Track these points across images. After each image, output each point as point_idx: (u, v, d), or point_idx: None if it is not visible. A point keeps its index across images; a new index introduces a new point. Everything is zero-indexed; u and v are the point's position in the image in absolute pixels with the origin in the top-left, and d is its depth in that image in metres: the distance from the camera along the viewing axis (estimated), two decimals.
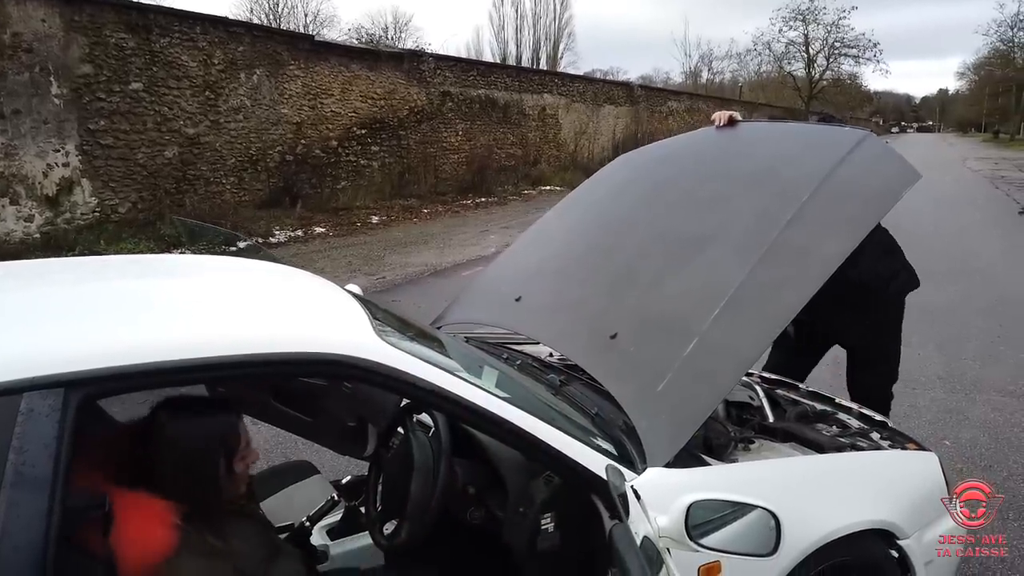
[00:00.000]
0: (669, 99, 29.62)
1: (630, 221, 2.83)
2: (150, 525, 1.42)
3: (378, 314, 1.88)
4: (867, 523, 1.93)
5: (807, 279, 1.99)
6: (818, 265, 2.01)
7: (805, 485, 1.88)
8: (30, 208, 8.74)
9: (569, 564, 1.79)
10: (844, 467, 2.04)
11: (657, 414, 1.88)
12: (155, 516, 1.43)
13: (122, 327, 1.45)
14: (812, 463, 1.98)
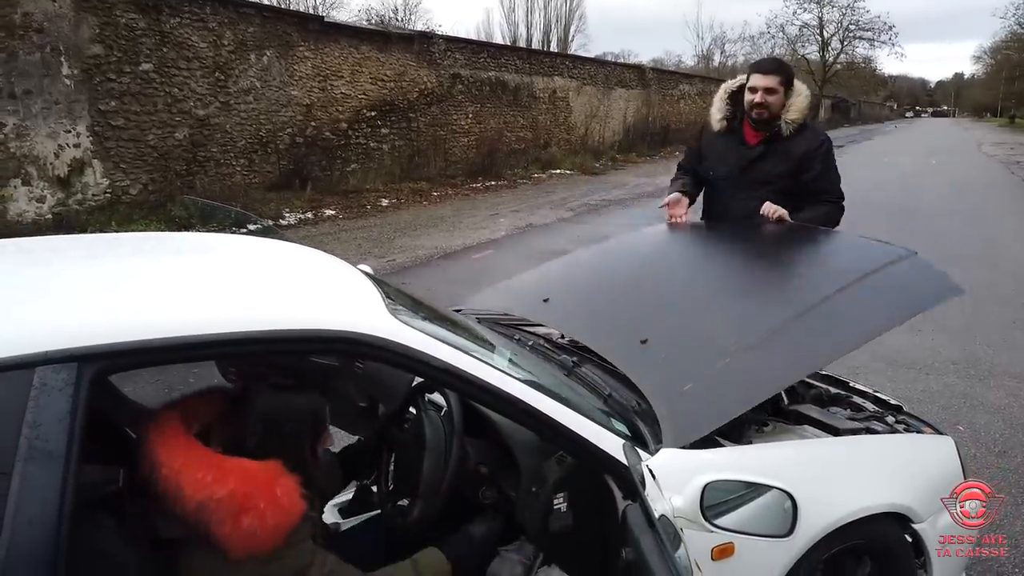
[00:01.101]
0: (681, 82, 29.35)
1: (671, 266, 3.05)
2: (285, 491, 1.42)
3: (391, 293, 1.87)
4: (882, 506, 1.92)
5: (843, 341, 2.15)
6: (855, 336, 2.16)
7: (821, 467, 1.86)
8: (42, 189, 8.76)
9: (581, 544, 1.78)
10: (860, 450, 2.02)
11: (678, 404, 1.89)
12: (288, 484, 1.43)
13: (135, 303, 1.45)
14: (828, 445, 1.96)
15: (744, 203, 3.09)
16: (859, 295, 2.25)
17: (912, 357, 5.11)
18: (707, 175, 3.29)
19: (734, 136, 3.18)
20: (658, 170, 19.35)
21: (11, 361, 1.23)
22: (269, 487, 1.40)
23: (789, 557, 1.76)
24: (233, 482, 1.37)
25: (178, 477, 1.37)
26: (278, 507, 1.39)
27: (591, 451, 1.67)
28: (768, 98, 2.99)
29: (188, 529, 1.37)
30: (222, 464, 1.41)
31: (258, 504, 1.37)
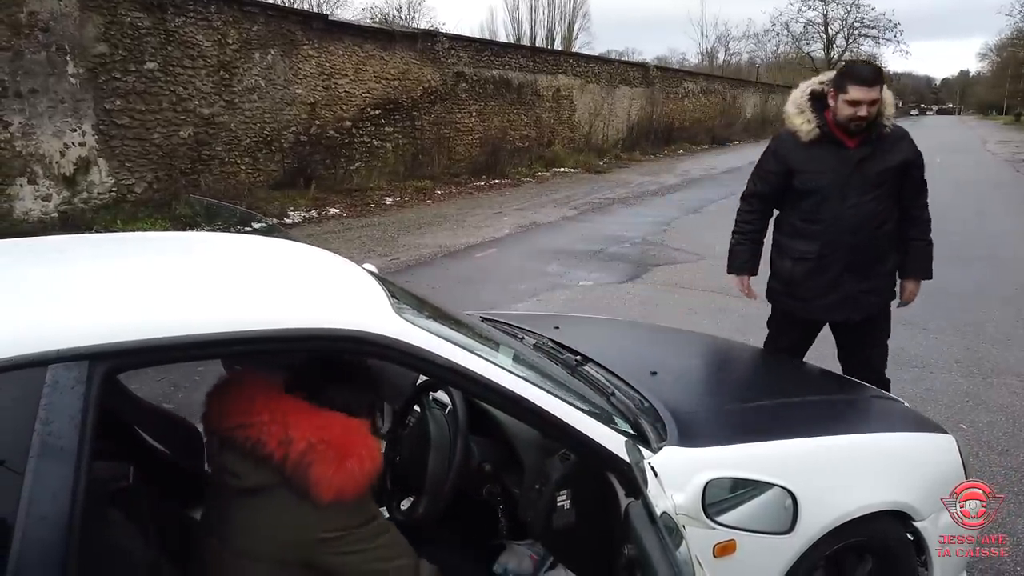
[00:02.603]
0: (685, 80, 29.32)
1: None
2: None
3: (396, 292, 1.88)
4: (883, 504, 1.93)
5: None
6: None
7: (822, 464, 1.88)
8: (47, 187, 8.80)
9: (584, 541, 1.80)
10: (862, 447, 2.03)
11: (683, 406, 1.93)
12: (374, 440, 1.59)
13: (144, 301, 1.46)
14: (830, 443, 1.97)
15: (856, 209, 2.92)
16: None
17: (915, 355, 5.11)
18: (807, 187, 2.99)
19: (828, 142, 2.94)
20: (662, 169, 19.36)
21: (23, 359, 1.25)
22: (365, 438, 1.56)
23: (790, 554, 1.77)
24: (338, 428, 1.53)
25: (284, 422, 1.50)
26: (372, 457, 1.53)
27: (594, 449, 1.68)
28: (872, 109, 2.82)
29: (278, 476, 1.48)
30: (325, 413, 1.56)
31: (360, 451, 1.51)
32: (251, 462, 1.51)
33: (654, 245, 9.11)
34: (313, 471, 1.46)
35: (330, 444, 1.49)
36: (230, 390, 1.63)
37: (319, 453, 1.47)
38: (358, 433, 1.56)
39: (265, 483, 1.50)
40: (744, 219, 3.29)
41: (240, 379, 1.67)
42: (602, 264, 8.09)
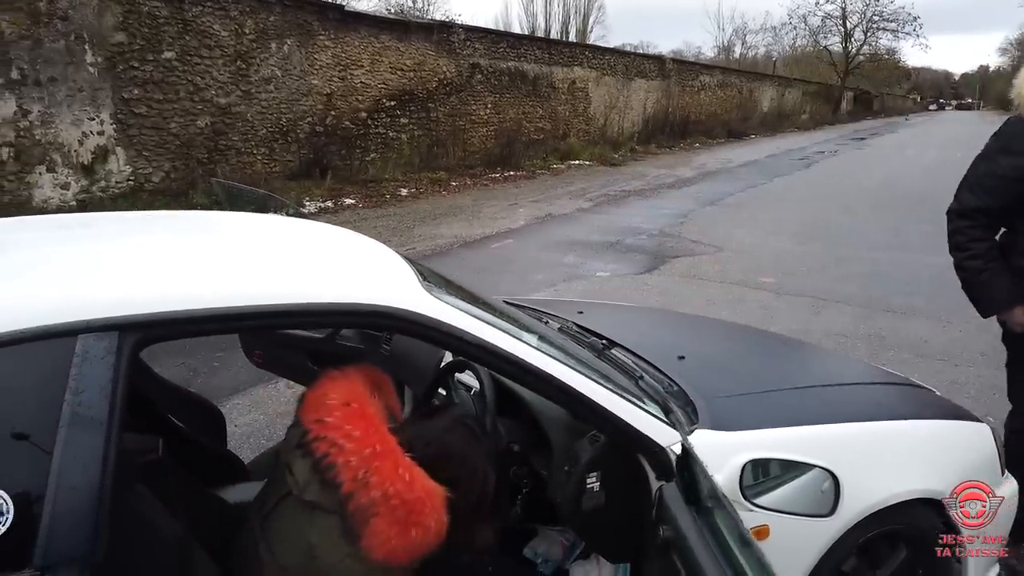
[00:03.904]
0: (701, 73, 29.11)
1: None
2: None
3: (424, 272, 1.86)
4: (920, 492, 1.89)
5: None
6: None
7: (861, 449, 1.84)
8: (66, 176, 8.85)
9: (613, 524, 1.77)
10: (898, 434, 1.99)
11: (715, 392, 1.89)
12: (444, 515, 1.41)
13: (173, 274, 1.45)
14: (867, 428, 1.93)
15: None
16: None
17: (940, 347, 5.05)
18: None
19: None
20: (677, 162, 19.24)
21: (53, 329, 1.23)
22: (440, 511, 1.39)
23: (824, 540, 1.74)
24: (421, 491, 1.37)
25: (371, 461, 1.35)
26: (438, 533, 1.37)
27: (625, 430, 1.65)
28: None
29: (340, 509, 1.35)
30: (416, 470, 1.39)
31: (429, 523, 1.36)
32: (318, 479, 1.38)
33: (671, 237, 9.05)
34: (374, 522, 1.33)
35: (404, 503, 1.34)
36: (328, 397, 1.47)
37: (390, 508, 1.34)
38: (436, 503, 1.38)
39: (325, 505, 1.38)
40: (973, 239, 2.60)
41: (350, 375, 1.52)
42: (619, 255, 8.04)
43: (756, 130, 31.07)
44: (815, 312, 5.91)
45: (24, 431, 1.18)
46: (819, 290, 6.55)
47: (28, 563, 1.15)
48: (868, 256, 7.95)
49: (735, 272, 7.22)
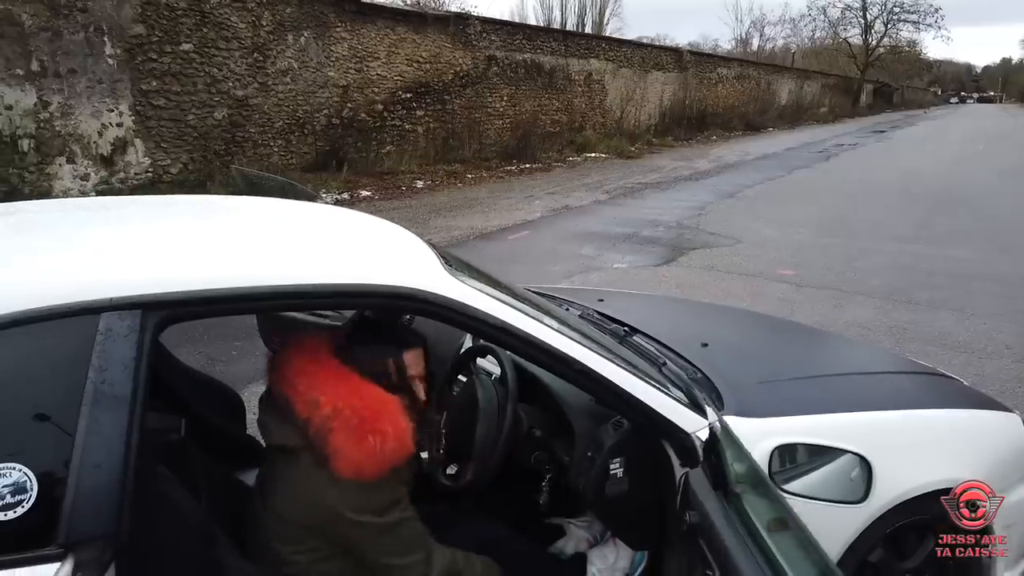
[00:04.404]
0: (719, 65, 28.87)
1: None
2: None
3: (446, 255, 1.84)
4: (950, 481, 1.85)
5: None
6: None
7: (893, 436, 1.80)
8: (86, 167, 8.92)
9: (637, 510, 1.74)
10: (928, 422, 1.95)
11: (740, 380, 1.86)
12: (408, 422, 1.51)
13: (195, 254, 1.44)
14: (896, 416, 1.90)
15: None
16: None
17: (964, 341, 4.97)
18: None
19: None
20: (695, 154, 19.12)
21: (76, 307, 1.23)
22: (396, 416, 1.48)
23: (853, 529, 1.71)
24: (369, 399, 1.47)
25: (319, 385, 1.47)
26: (398, 438, 1.46)
27: (649, 415, 1.63)
28: None
29: (305, 439, 1.45)
30: (361, 383, 1.50)
31: (385, 428, 1.45)
32: (280, 418, 1.52)
33: (689, 229, 8.98)
34: (333, 439, 1.42)
35: (355, 412, 1.44)
36: (287, 353, 1.61)
37: (342, 420, 1.43)
38: (389, 409, 1.48)
39: (290, 443, 1.49)
40: None
41: (298, 342, 1.63)
42: (636, 247, 7.99)
43: (774, 123, 30.79)
44: (836, 305, 5.84)
45: (48, 408, 1.18)
46: (840, 283, 6.47)
47: (52, 541, 1.15)
48: (890, 249, 7.85)
49: (754, 265, 7.15)
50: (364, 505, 1.46)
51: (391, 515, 1.50)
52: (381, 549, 1.51)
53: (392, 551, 1.52)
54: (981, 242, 8.09)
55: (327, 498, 1.45)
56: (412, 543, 1.55)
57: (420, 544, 1.56)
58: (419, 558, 1.54)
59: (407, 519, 1.54)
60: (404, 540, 1.53)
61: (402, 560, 1.53)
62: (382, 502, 1.49)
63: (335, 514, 1.46)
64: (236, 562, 1.48)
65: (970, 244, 7.96)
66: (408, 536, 1.54)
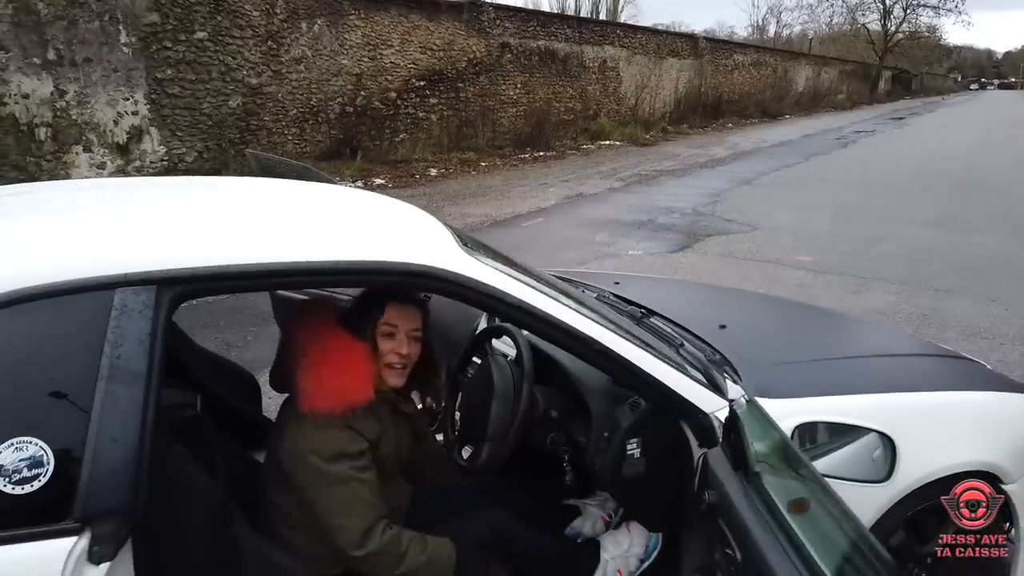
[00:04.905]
0: (735, 52, 28.56)
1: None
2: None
3: (463, 236, 1.83)
4: (974, 463, 1.82)
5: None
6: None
7: (916, 417, 1.77)
8: (102, 155, 8.96)
9: (654, 491, 1.73)
10: (952, 404, 1.91)
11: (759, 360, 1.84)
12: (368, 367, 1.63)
13: (210, 231, 1.43)
14: (919, 398, 1.86)
15: None
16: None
17: (985, 327, 4.90)
18: None
19: None
20: (710, 142, 18.96)
21: (91, 282, 1.22)
22: (353, 357, 1.59)
23: (874, 511, 1.68)
24: (332, 340, 1.59)
25: (303, 335, 1.61)
26: (351, 375, 1.56)
27: (667, 395, 1.61)
28: None
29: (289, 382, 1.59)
30: (334, 328, 1.63)
31: (338, 363, 1.55)
32: (277, 366, 1.68)
33: (705, 216, 8.91)
34: (299, 376, 1.55)
35: (316, 349, 1.57)
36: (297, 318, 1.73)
37: (307, 359, 1.56)
38: (348, 351, 1.58)
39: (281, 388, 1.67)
40: None
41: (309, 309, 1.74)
42: (651, 234, 7.93)
43: (791, 110, 30.46)
44: (854, 291, 5.77)
45: (64, 383, 1.17)
46: (858, 269, 6.40)
47: (69, 515, 1.15)
48: (909, 235, 7.75)
49: (771, 251, 7.08)
50: (317, 446, 1.54)
51: (339, 466, 1.54)
52: (323, 500, 1.55)
53: (331, 507, 1.55)
54: (1002, 228, 7.96)
55: (293, 434, 1.56)
56: (354, 505, 1.56)
57: (363, 510, 1.57)
58: (357, 524, 1.55)
59: (356, 479, 1.57)
60: (345, 500, 1.56)
61: (339, 520, 1.55)
62: (334, 449, 1.55)
63: (295, 452, 1.56)
64: (252, 539, 1.48)
65: (991, 230, 7.84)
66: (350, 497, 1.56)
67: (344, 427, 1.56)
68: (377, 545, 1.55)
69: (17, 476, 1.12)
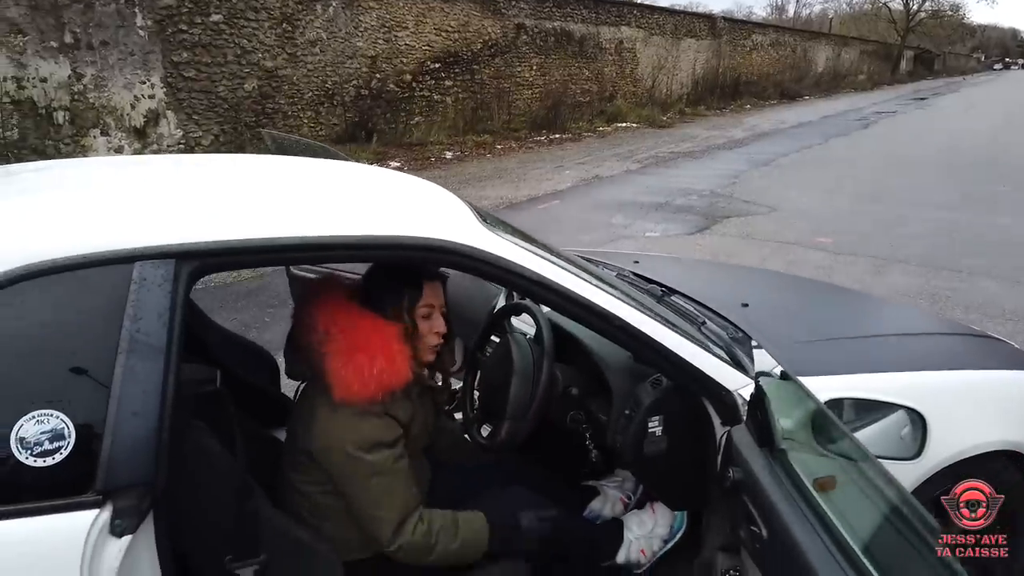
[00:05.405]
0: (754, 32, 28.16)
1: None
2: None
3: (482, 212, 1.81)
4: (1003, 443, 1.79)
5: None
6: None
7: (945, 395, 1.74)
8: (119, 139, 9.00)
9: (676, 469, 1.71)
10: (979, 383, 1.88)
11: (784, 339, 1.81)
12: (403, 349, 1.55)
13: (229, 206, 1.42)
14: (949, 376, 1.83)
15: None
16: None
17: (1011, 308, 4.83)
18: None
19: None
20: (728, 123, 18.76)
21: (110, 255, 1.22)
22: (387, 340, 1.51)
23: None
24: (360, 323, 1.52)
25: (320, 315, 1.54)
26: (389, 359, 1.49)
27: (691, 372, 1.58)
28: None
29: (310, 366, 1.53)
30: (358, 310, 1.56)
31: (373, 348, 1.48)
32: (292, 350, 1.62)
33: (723, 197, 8.82)
34: (327, 364, 1.47)
35: (345, 335, 1.49)
36: (311, 292, 1.67)
37: (335, 344, 1.48)
38: (382, 334, 1.52)
39: (302, 372, 1.62)
40: None
41: (322, 284, 1.68)
42: (668, 216, 7.87)
43: (810, 91, 30.05)
44: (875, 272, 5.70)
45: (84, 356, 1.17)
46: (879, 250, 6.31)
47: (90, 488, 1.15)
48: (932, 217, 7.63)
49: (790, 233, 7.01)
50: (355, 437, 1.49)
51: (377, 455, 1.51)
52: (360, 492, 1.52)
53: (368, 498, 1.52)
54: None
55: (325, 425, 1.50)
56: (390, 498, 1.54)
57: (398, 503, 1.54)
58: (392, 517, 1.53)
59: (393, 469, 1.53)
60: (382, 491, 1.53)
61: (375, 512, 1.53)
62: (373, 438, 1.51)
63: (328, 442, 1.51)
64: (273, 515, 1.48)
65: (1014, 211, 7.69)
66: (387, 488, 1.53)
67: (382, 414, 1.51)
68: (408, 539, 1.54)
69: (39, 449, 1.12)
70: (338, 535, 1.60)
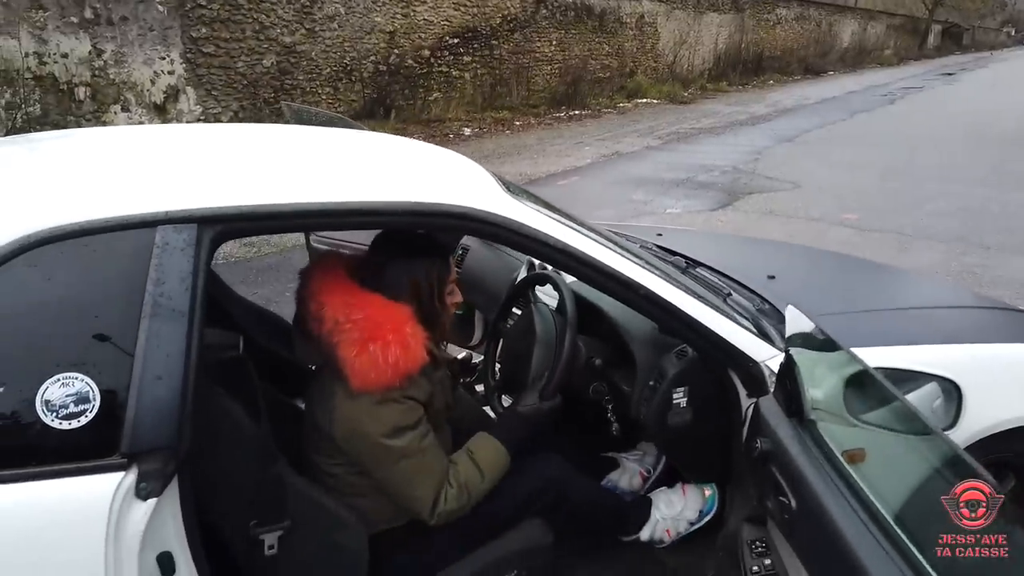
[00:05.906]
0: (778, 6, 27.57)
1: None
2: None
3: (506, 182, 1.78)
4: None
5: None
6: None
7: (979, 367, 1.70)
8: (140, 115, 9.03)
9: (701, 441, 1.69)
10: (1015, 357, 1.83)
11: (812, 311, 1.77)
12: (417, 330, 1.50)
13: (251, 172, 1.41)
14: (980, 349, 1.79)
15: None
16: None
17: None
18: None
19: None
20: (751, 99, 18.47)
21: (133, 219, 1.21)
22: (400, 324, 1.45)
23: None
24: (369, 309, 1.46)
25: (324, 302, 1.48)
26: (403, 346, 1.43)
27: (717, 343, 1.56)
28: None
29: (321, 354, 1.48)
30: (363, 293, 1.50)
31: (386, 335, 1.42)
32: (299, 336, 1.58)
33: (745, 173, 8.70)
34: (339, 352, 1.42)
35: (356, 324, 1.43)
36: (312, 271, 1.62)
37: (344, 333, 1.42)
38: (393, 317, 1.46)
39: (310, 359, 1.58)
40: None
41: (321, 262, 1.64)
42: (690, 192, 7.78)
43: (835, 66, 29.47)
44: (902, 249, 5.60)
45: (108, 319, 1.17)
46: (906, 227, 6.20)
47: (115, 451, 1.15)
48: (960, 192, 7.48)
49: (814, 209, 6.90)
50: (378, 425, 1.46)
51: (402, 440, 1.48)
52: (391, 475, 1.51)
53: (401, 480, 1.51)
54: None
55: (346, 413, 1.47)
56: (422, 477, 1.53)
57: (430, 480, 1.53)
58: (427, 495, 1.53)
59: (419, 449, 1.51)
60: (413, 471, 1.51)
61: (411, 491, 1.53)
62: (395, 424, 1.47)
63: (351, 431, 1.48)
64: (297, 481, 1.48)
65: None
66: (417, 468, 1.52)
67: (402, 399, 1.48)
68: (444, 507, 1.54)
69: (64, 411, 1.12)
70: (373, 508, 1.59)
